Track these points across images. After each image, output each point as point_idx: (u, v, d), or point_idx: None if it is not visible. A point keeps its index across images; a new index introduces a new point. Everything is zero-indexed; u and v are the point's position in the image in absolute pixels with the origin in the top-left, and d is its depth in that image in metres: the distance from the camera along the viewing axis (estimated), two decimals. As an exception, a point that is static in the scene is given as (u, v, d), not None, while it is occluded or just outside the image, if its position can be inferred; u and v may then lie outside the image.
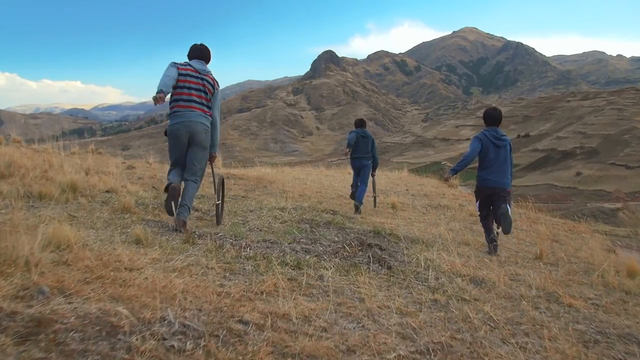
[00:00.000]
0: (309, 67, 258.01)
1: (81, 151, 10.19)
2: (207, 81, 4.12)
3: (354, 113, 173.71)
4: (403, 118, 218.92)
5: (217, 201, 4.45)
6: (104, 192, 5.16)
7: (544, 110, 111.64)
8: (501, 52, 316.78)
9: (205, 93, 4.08)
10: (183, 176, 4.07)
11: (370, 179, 7.56)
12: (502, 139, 4.90)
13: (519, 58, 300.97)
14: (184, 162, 4.07)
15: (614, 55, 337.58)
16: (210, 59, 4.31)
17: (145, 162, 9.93)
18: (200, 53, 4.24)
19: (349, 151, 7.32)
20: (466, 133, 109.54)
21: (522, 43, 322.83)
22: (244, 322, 1.91)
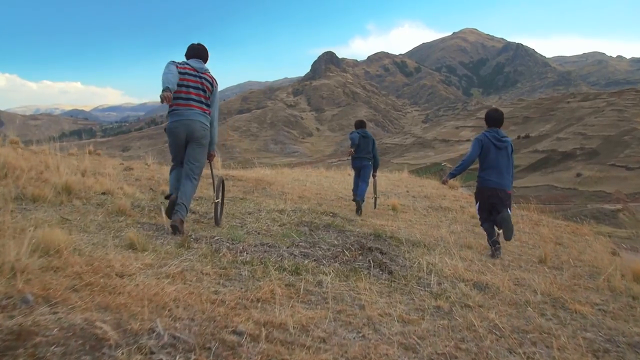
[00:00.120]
0: (309, 68, 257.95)
1: (79, 152, 10.10)
2: (206, 79, 4.12)
3: (354, 114, 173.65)
4: (403, 119, 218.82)
5: (216, 199, 4.38)
6: (100, 194, 5.06)
7: (544, 111, 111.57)
8: (501, 53, 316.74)
9: (204, 91, 4.08)
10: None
11: (371, 180, 7.55)
12: (503, 140, 4.85)
13: (519, 59, 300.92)
14: (183, 159, 4.10)
15: (614, 56, 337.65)
16: (207, 58, 4.30)
17: (143, 164, 9.83)
18: (197, 52, 4.23)
19: (353, 151, 7.32)
20: (466, 134, 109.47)
21: (522, 44, 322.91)
22: (238, 333, 1.81)
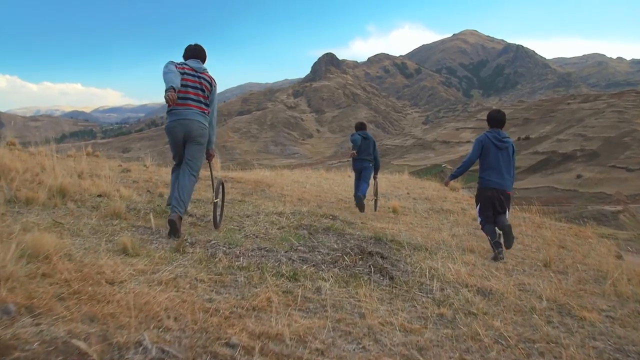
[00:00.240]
0: (310, 70, 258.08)
1: (78, 154, 10.00)
2: (204, 79, 4.11)
3: (355, 116, 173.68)
4: (403, 120, 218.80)
5: (215, 199, 4.32)
6: (96, 197, 4.96)
7: (544, 112, 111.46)
8: (501, 55, 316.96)
9: (202, 91, 4.07)
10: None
11: (371, 182, 7.57)
12: (505, 141, 4.84)
13: (519, 60, 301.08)
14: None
15: (614, 57, 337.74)
16: (205, 58, 4.30)
17: (142, 165, 9.74)
18: (195, 52, 4.24)
19: (355, 153, 7.35)
20: (466, 135, 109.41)
21: (523, 46, 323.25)
22: (231, 346, 1.71)
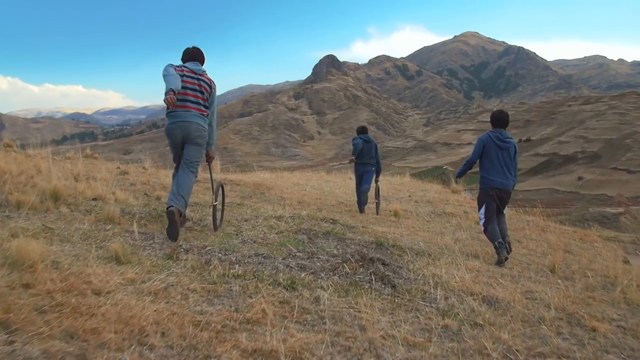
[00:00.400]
0: (311, 72, 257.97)
1: (76, 156, 9.89)
2: (204, 81, 4.10)
3: (356, 117, 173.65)
4: (404, 122, 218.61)
5: (215, 202, 4.28)
6: (90, 200, 4.85)
7: (546, 114, 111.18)
8: (502, 57, 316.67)
9: (201, 93, 4.06)
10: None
11: (373, 185, 7.55)
12: (507, 141, 4.87)
13: (520, 62, 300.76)
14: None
15: (615, 59, 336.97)
16: (204, 61, 4.31)
17: (140, 167, 9.62)
18: (194, 55, 4.25)
19: (354, 159, 7.43)
20: (467, 137, 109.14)
21: (524, 47, 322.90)
22: (221, 365, 1.60)
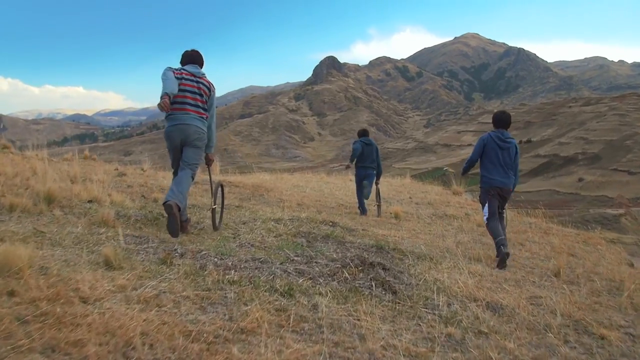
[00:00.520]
0: (311, 73, 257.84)
1: (74, 157, 9.81)
2: (203, 84, 4.10)
3: (356, 119, 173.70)
4: (405, 124, 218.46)
5: (214, 205, 4.29)
6: (86, 202, 4.77)
7: (546, 116, 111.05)
8: (503, 58, 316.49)
9: (200, 95, 4.05)
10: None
11: (374, 187, 7.52)
12: (508, 141, 4.90)
13: (521, 64, 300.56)
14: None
15: (616, 60, 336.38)
16: (203, 63, 4.30)
17: (139, 169, 9.54)
18: (193, 58, 4.25)
19: (350, 164, 7.50)
20: (468, 139, 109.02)
21: (524, 49, 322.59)
22: (212, 381, 1.51)
